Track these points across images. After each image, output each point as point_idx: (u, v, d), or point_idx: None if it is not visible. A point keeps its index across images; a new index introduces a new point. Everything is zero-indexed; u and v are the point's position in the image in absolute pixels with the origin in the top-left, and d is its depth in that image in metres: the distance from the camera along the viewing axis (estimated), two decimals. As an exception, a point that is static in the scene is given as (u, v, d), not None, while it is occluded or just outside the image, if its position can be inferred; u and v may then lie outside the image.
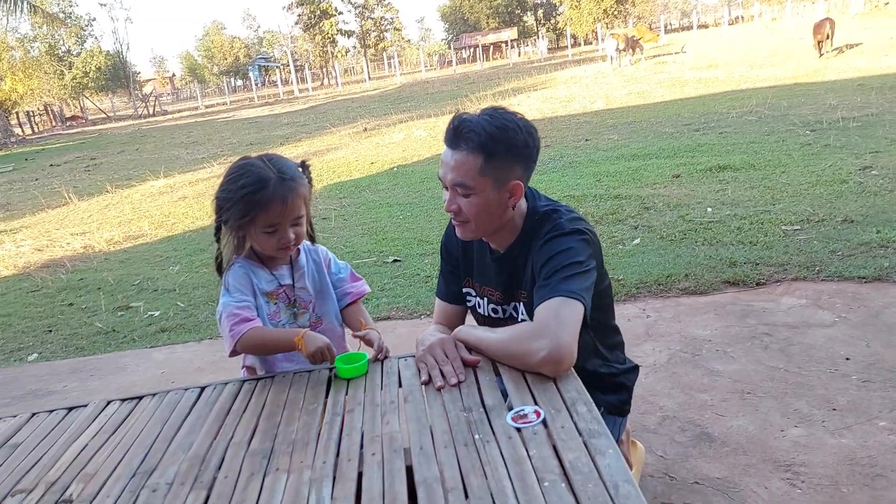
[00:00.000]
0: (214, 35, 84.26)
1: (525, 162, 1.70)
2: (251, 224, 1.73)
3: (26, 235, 8.25)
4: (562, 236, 1.67)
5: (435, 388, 1.53)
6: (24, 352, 4.37)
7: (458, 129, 1.66)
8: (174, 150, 16.86)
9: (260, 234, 1.75)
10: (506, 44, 57.13)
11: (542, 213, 1.76)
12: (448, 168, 1.68)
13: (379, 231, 6.25)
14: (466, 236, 1.79)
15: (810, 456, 2.27)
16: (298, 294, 1.89)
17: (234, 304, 1.76)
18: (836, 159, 6.45)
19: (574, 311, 1.54)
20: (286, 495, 1.22)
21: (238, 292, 1.78)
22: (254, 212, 1.71)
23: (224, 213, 1.75)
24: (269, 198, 1.69)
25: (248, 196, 1.69)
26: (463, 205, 1.70)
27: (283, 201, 1.71)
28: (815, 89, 11.52)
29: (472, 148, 1.63)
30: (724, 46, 23.43)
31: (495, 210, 1.70)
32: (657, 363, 3.06)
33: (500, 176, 1.66)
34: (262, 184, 1.70)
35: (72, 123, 41.84)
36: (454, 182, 1.68)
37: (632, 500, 1.07)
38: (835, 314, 3.33)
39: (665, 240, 4.78)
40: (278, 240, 1.75)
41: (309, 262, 1.94)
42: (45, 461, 1.48)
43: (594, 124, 11.18)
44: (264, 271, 1.85)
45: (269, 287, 1.84)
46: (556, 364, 1.48)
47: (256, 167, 1.73)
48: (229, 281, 1.81)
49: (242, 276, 1.81)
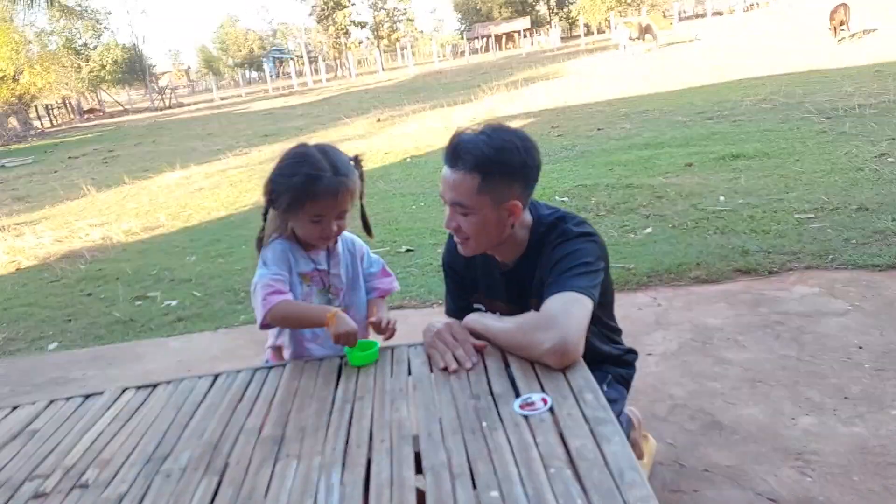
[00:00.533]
0: (229, 27, 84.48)
1: (523, 181, 1.70)
2: (299, 211, 1.79)
3: (46, 227, 8.35)
4: (569, 240, 1.69)
5: (449, 372, 1.55)
6: (44, 341, 4.44)
7: (455, 149, 1.67)
8: (190, 142, 16.96)
9: (306, 222, 1.80)
10: (518, 33, 56.84)
11: (549, 222, 1.77)
12: (447, 186, 1.71)
13: (392, 221, 6.26)
14: (468, 253, 1.80)
15: (822, 444, 2.27)
16: (332, 280, 1.93)
17: (269, 276, 1.80)
18: (851, 147, 6.38)
19: (583, 306, 1.55)
20: (296, 481, 1.24)
21: (275, 266, 1.82)
22: (304, 200, 1.76)
23: (275, 196, 1.80)
24: (321, 190, 1.75)
25: (301, 186, 1.75)
26: (462, 223, 1.71)
27: (335, 195, 1.77)
28: (831, 76, 11.37)
29: (469, 168, 1.65)
30: (739, 33, 23.17)
31: (493, 228, 1.72)
32: (667, 352, 3.06)
33: (497, 196, 1.67)
34: (317, 176, 1.75)
35: (90, 116, 42.15)
36: (452, 201, 1.70)
37: (636, 486, 1.08)
38: (848, 303, 3.32)
39: (677, 229, 4.77)
40: (321, 230, 1.81)
41: (345, 252, 1.99)
42: (62, 447, 1.51)
43: (607, 113, 11.12)
44: (302, 253, 1.89)
45: (305, 268, 1.89)
46: (562, 356, 1.48)
47: (313, 158, 1.78)
48: (268, 255, 1.84)
49: (281, 252, 1.85)
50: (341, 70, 54.62)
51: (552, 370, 1.49)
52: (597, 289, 1.62)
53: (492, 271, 1.87)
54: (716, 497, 2.09)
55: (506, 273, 1.84)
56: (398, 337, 3.69)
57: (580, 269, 1.62)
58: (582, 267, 1.62)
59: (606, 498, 1.06)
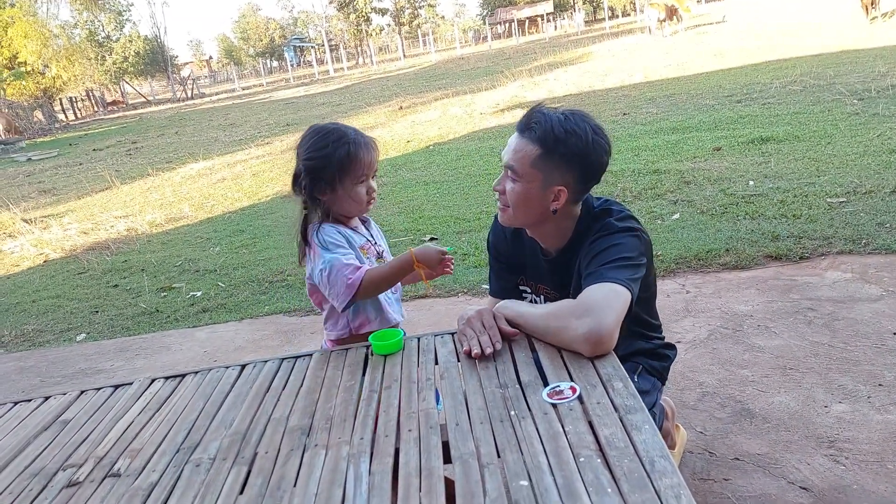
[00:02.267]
0: (250, 17, 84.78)
1: (580, 172, 1.69)
2: (346, 178, 1.83)
3: (72, 219, 8.47)
4: (611, 234, 1.67)
5: (473, 357, 1.54)
6: (72, 332, 4.50)
7: (529, 118, 1.71)
8: (212, 133, 17.09)
9: (352, 188, 1.84)
10: (542, 17, 56.31)
11: (594, 215, 1.76)
12: (509, 149, 1.73)
13: (415, 209, 6.26)
14: (504, 220, 1.81)
15: (855, 432, 2.23)
16: (379, 249, 1.98)
17: (342, 257, 1.80)
18: (885, 129, 6.24)
19: (620, 297, 1.52)
20: (325, 470, 1.24)
21: (339, 247, 1.83)
22: (348, 165, 1.82)
23: (316, 175, 1.83)
24: (360, 150, 1.83)
25: (342, 152, 1.81)
26: (508, 188, 1.73)
27: (368, 149, 1.85)
28: (863, 56, 11.13)
29: (534, 139, 1.67)
30: (767, 14, 22.75)
31: (534, 206, 1.71)
32: (697, 339, 3.02)
33: (549, 176, 1.68)
34: (344, 135, 1.84)
35: (113, 108, 42.61)
36: (507, 163, 1.72)
37: (667, 475, 1.06)
38: (882, 288, 3.25)
39: (705, 214, 4.70)
40: (367, 190, 1.86)
41: (376, 228, 2.06)
42: (93, 437, 1.53)
43: (632, 98, 10.99)
44: (350, 230, 1.92)
45: (360, 241, 1.92)
46: (595, 344, 1.46)
47: (334, 128, 1.87)
48: (325, 239, 1.84)
49: (336, 233, 1.86)
50: (362, 58, 54.63)
51: (581, 359, 1.47)
52: (636, 282, 1.60)
53: (538, 256, 1.87)
54: (747, 485, 2.06)
55: (549, 260, 1.83)
56: (424, 326, 3.70)
57: (620, 261, 1.60)
58: (622, 260, 1.60)
59: (637, 486, 1.05)
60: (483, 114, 11.99)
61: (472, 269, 4.37)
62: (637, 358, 1.87)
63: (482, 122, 11.17)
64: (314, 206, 1.88)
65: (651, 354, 1.92)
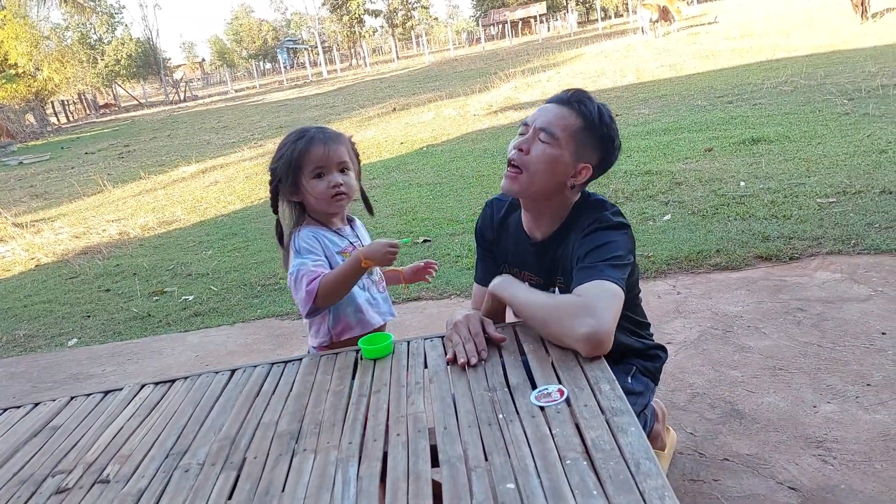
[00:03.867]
0: (243, 18, 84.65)
1: (603, 158, 1.75)
2: (301, 174, 1.83)
3: (64, 223, 8.44)
4: (607, 229, 1.68)
5: (458, 365, 1.55)
6: (64, 337, 4.49)
7: (573, 94, 1.74)
8: (205, 135, 17.06)
9: (310, 182, 1.84)
10: (535, 19, 56.33)
11: (588, 205, 1.78)
12: (545, 114, 1.72)
13: (408, 211, 6.26)
14: (512, 188, 1.74)
15: (843, 432, 2.25)
16: None
17: (310, 264, 1.80)
18: (874, 128, 6.28)
19: (617, 297, 1.54)
20: (313, 475, 1.24)
21: (311, 253, 1.83)
22: (301, 159, 1.82)
23: (276, 174, 1.87)
24: (309, 142, 1.83)
25: (293, 146, 1.84)
26: (535, 150, 1.70)
27: (325, 143, 1.84)
28: (854, 56, 11.19)
29: (578, 111, 1.70)
30: (759, 14, 22.84)
31: (556, 175, 1.70)
32: (687, 340, 3.03)
33: (581, 150, 1.70)
34: (303, 132, 1.87)
35: (105, 111, 42.50)
36: (544, 125, 1.70)
37: (652, 477, 1.07)
38: (871, 288, 3.27)
39: (696, 215, 4.72)
40: (328, 184, 1.83)
41: (362, 228, 2.06)
42: (83, 443, 1.53)
43: (625, 99, 11.02)
44: (331, 233, 1.91)
45: (342, 245, 1.91)
46: (596, 346, 1.46)
47: (297, 129, 1.90)
48: (300, 244, 1.84)
49: (312, 238, 1.86)
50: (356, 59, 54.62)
51: (569, 361, 1.48)
52: (625, 282, 1.61)
53: (523, 243, 1.86)
54: (736, 486, 2.07)
55: (536, 245, 1.83)
56: (416, 329, 3.71)
57: (615, 260, 1.61)
58: (616, 259, 1.62)
59: (622, 488, 1.06)
60: (476, 115, 12.00)
61: (464, 270, 4.38)
62: (631, 359, 1.88)
63: (476, 123, 11.18)
64: (291, 209, 1.91)
65: (644, 355, 1.93)
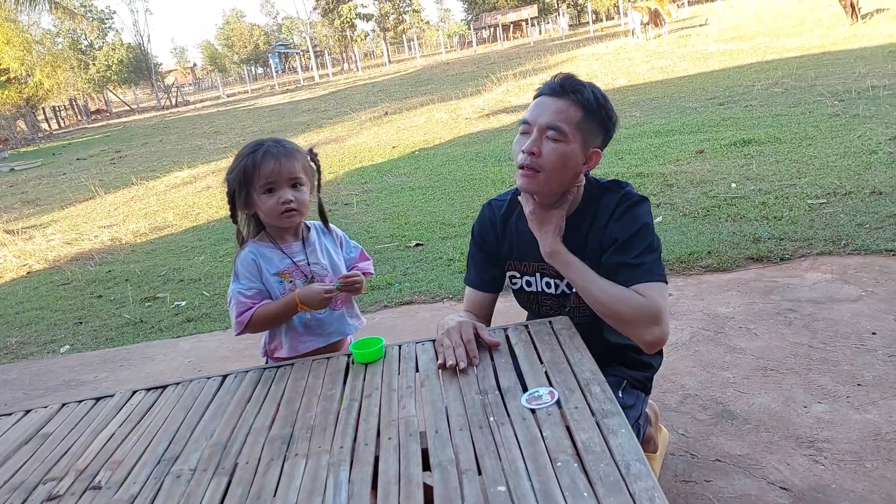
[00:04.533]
0: (234, 23, 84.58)
1: (606, 137, 1.76)
2: (252, 188, 1.83)
3: (56, 229, 8.41)
4: (636, 205, 1.71)
5: (447, 368, 1.55)
6: (56, 343, 4.47)
7: (564, 82, 1.71)
8: (197, 141, 17.03)
9: (260, 196, 1.83)
10: (526, 22, 56.46)
11: (604, 184, 1.79)
12: (545, 110, 1.69)
13: (401, 215, 6.27)
14: (529, 186, 1.71)
15: (834, 432, 2.26)
16: (314, 269, 1.94)
17: (242, 291, 1.86)
18: (865, 129, 6.32)
19: (668, 297, 1.66)
20: (305, 479, 1.24)
21: (246, 279, 1.87)
22: (251, 172, 1.82)
23: (231, 186, 1.87)
24: (262, 156, 1.82)
25: (245, 159, 1.84)
26: (546, 150, 1.67)
27: (276, 158, 1.82)
28: (844, 58, 11.26)
29: (576, 101, 1.68)
30: (750, 17, 22.95)
31: (571, 168, 1.69)
32: (679, 342, 3.04)
33: (588, 137, 1.70)
34: (258, 145, 1.86)
35: (96, 117, 42.40)
36: (549, 123, 1.67)
37: (642, 478, 1.07)
38: (861, 288, 3.29)
39: (688, 217, 4.74)
40: (278, 200, 1.83)
41: (321, 240, 2.01)
42: (74, 450, 1.52)
43: (616, 101, 10.90)
44: (275, 251, 1.91)
45: (281, 265, 1.90)
46: (657, 347, 1.64)
47: (252, 142, 1.89)
48: (237, 267, 1.89)
49: (251, 262, 1.88)
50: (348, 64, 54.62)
51: (560, 364, 1.49)
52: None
53: (532, 235, 1.79)
54: (727, 486, 2.08)
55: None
56: (409, 333, 3.71)
57: (656, 253, 1.67)
58: (657, 252, 1.68)
59: (612, 490, 1.06)
60: (469, 119, 12.02)
61: (456, 274, 4.38)
62: (620, 370, 1.86)
63: (468, 127, 11.20)
64: (248, 222, 1.92)
65: (635, 364, 1.90)
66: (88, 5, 58.19)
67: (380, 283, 4.47)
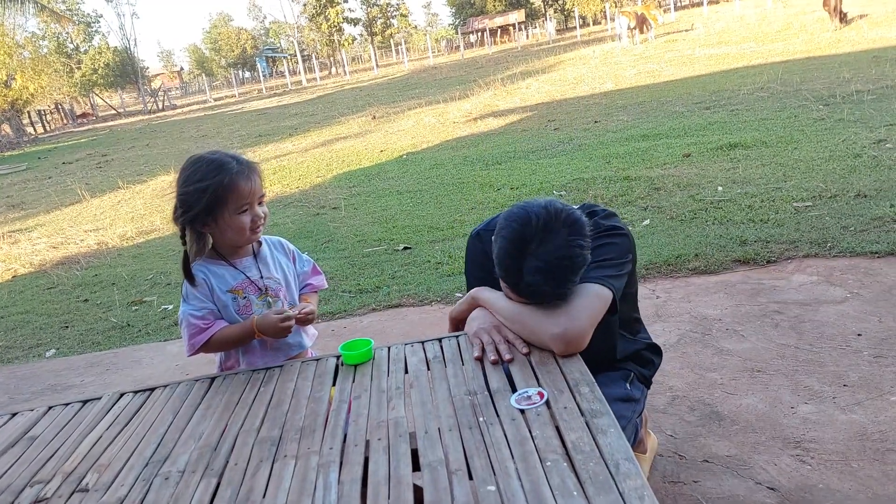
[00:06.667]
0: (221, 27, 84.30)
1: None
2: (223, 209, 1.78)
3: (41, 233, 8.34)
4: (598, 235, 1.67)
5: (491, 363, 1.55)
6: (42, 348, 4.43)
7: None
8: (184, 144, 16.94)
9: (234, 217, 1.79)
10: (514, 26, 56.59)
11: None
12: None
13: (389, 219, 6.26)
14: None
15: (820, 432, 2.28)
16: (268, 283, 1.92)
17: (192, 313, 1.82)
18: (849, 133, 6.38)
19: (598, 296, 1.56)
20: (294, 481, 1.24)
21: (196, 300, 1.84)
22: (226, 196, 1.76)
23: (192, 209, 1.78)
24: (234, 178, 1.77)
25: (218, 183, 1.75)
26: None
27: (248, 178, 1.79)
28: (829, 62, 11.37)
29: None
30: (736, 22, 23.14)
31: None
32: (667, 344, 3.06)
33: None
34: (226, 167, 1.78)
35: (82, 121, 42.03)
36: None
37: (632, 477, 1.08)
38: (847, 290, 3.32)
39: (675, 220, 4.77)
40: (252, 217, 1.81)
41: (274, 253, 1.99)
42: (61, 452, 1.51)
43: (603, 106, 11.11)
44: (226, 268, 1.88)
45: (233, 282, 1.87)
46: (566, 344, 1.50)
47: (215, 158, 1.80)
48: (187, 289, 1.85)
49: (200, 282, 1.85)
50: (335, 68, 54.51)
51: (549, 364, 1.49)
52: (620, 280, 1.63)
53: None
54: (716, 487, 2.09)
55: None
56: (397, 335, 3.70)
57: (604, 262, 1.63)
58: (606, 261, 1.64)
59: (602, 489, 1.07)
60: (456, 122, 12.04)
61: (445, 277, 4.39)
62: (629, 364, 1.89)
63: (455, 130, 11.21)
64: (196, 239, 1.85)
65: (640, 360, 1.93)
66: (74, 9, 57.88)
67: (368, 286, 4.46)
